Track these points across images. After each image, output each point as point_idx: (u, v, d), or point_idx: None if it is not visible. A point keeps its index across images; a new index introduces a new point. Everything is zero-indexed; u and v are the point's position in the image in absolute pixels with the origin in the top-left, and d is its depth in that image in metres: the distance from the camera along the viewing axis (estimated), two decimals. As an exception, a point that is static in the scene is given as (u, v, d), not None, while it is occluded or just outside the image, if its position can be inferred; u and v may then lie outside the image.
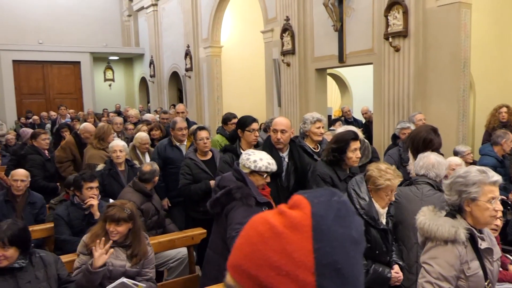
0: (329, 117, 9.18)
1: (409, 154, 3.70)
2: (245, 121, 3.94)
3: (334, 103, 12.64)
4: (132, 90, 18.46)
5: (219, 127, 6.14)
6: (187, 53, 12.46)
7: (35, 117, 12.32)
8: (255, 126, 3.93)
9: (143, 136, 5.44)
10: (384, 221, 2.79)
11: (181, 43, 12.97)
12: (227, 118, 5.68)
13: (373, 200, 2.75)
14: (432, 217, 2.20)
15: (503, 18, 7.65)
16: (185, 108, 6.89)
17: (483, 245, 2.10)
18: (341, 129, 3.92)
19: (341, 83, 12.42)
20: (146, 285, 3.02)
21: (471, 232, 2.09)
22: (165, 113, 8.48)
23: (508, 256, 3.29)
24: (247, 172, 2.86)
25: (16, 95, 14.99)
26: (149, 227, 3.99)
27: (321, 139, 3.86)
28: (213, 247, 2.99)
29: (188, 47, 12.43)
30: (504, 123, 5.71)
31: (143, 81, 17.09)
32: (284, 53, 8.36)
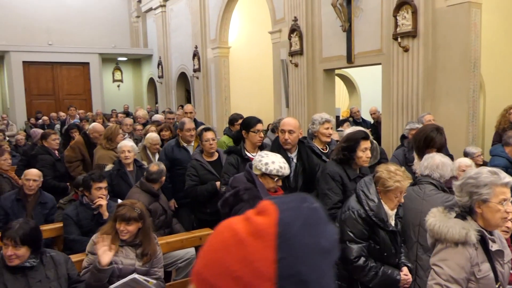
0: (337, 117, 9.15)
1: (414, 153, 3.69)
2: (249, 122, 3.92)
3: (342, 104, 12.60)
4: (140, 91, 18.55)
5: (226, 127, 6.14)
6: (195, 54, 12.49)
7: (45, 118, 12.42)
8: (260, 127, 3.90)
9: (154, 136, 5.44)
10: (393, 223, 2.78)
11: (189, 44, 13.01)
12: (234, 119, 5.67)
13: (382, 201, 2.74)
14: (442, 219, 2.19)
15: (514, 17, 7.58)
16: (193, 108, 6.90)
17: (494, 247, 2.09)
18: (349, 129, 3.90)
19: (349, 84, 12.37)
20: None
21: (482, 234, 2.07)
22: (170, 113, 8.49)
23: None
24: (258, 174, 2.84)
25: (26, 96, 15.13)
26: (157, 226, 4.00)
27: (329, 140, 3.83)
28: None
29: (196, 48, 12.46)
30: (514, 123, 5.65)
31: (151, 82, 17.17)
32: (292, 54, 8.35)
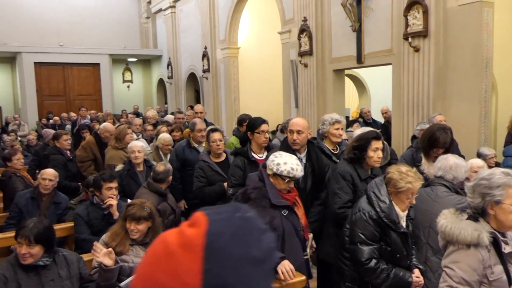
0: (347, 118, 9.10)
1: (422, 153, 3.66)
2: (254, 123, 3.88)
3: (351, 104, 12.55)
4: (150, 91, 18.66)
5: (234, 128, 6.13)
6: (205, 55, 12.53)
7: (56, 118, 12.54)
8: (265, 127, 3.85)
9: (166, 137, 5.44)
10: (404, 224, 2.75)
11: (198, 44, 13.06)
12: (242, 119, 5.65)
13: (393, 203, 2.71)
14: (454, 220, 2.17)
15: (527, 17, 7.48)
16: (203, 108, 6.91)
17: (506, 249, 2.06)
18: (359, 130, 3.88)
19: (359, 84, 12.32)
20: None
21: (495, 235, 2.05)
22: (180, 112, 8.52)
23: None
24: (270, 173, 2.84)
25: (37, 96, 15.30)
26: (166, 226, 4.01)
27: (340, 140, 3.79)
28: None
29: (205, 48, 12.50)
30: (527, 124, 5.58)
31: (161, 82, 17.26)
32: (301, 54, 8.34)
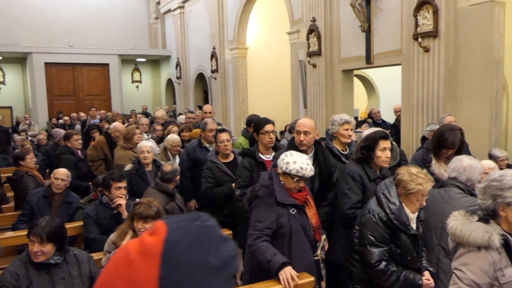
0: (355, 119, 9.05)
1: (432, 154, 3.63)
2: (259, 124, 3.89)
3: (360, 105, 12.50)
4: (158, 91, 18.74)
5: (243, 128, 6.13)
6: (213, 55, 12.56)
7: (66, 118, 12.65)
8: (269, 128, 3.85)
9: (175, 138, 5.45)
10: (414, 226, 2.72)
11: (207, 44, 13.09)
12: (251, 120, 5.65)
13: (403, 204, 2.68)
14: (464, 222, 2.15)
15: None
16: (212, 108, 6.92)
17: (518, 251, 2.04)
18: (368, 131, 3.86)
19: (368, 85, 12.27)
20: None
21: (506, 238, 2.03)
22: (191, 112, 8.55)
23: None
24: (280, 172, 2.84)
25: (47, 96, 15.44)
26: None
27: (349, 141, 3.77)
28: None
29: (214, 48, 12.53)
30: (539, 125, 5.51)
31: (170, 82, 17.33)
32: (310, 54, 8.32)
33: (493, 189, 2.05)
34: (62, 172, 4.51)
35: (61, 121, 12.86)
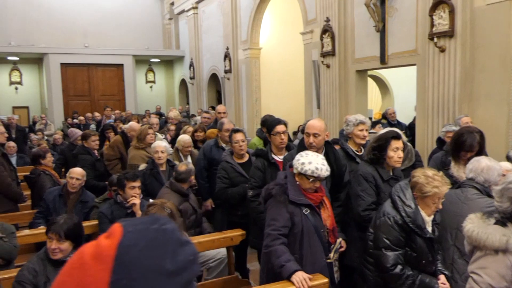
0: (369, 119, 8.98)
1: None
2: (270, 124, 3.86)
3: (374, 106, 12.40)
4: (172, 91, 18.87)
5: (258, 129, 6.12)
6: (226, 55, 12.60)
7: (81, 118, 12.81)
8: (280, 128, 3.80)
9: (186, 139, 5.47)
10: (430, 229, 2.67)
11: (220, 45, 13.13)
12: (265, 120, 5.63)
13: (419, 207, 2.64)
14: (481, 225, 2.12)
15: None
16: (225, 108, 6.93)
17: (537, 256, 2.00)
18: (382, 131, 3.82)
19: (382, 85, 12.17)
20: None
21: (524, 241, 1.99)
22: (206, 112, 8.57)
23: None
24: (296, 172, 2.83)
25: (63, 96, 15.67)
26: (188, 226, 4.04)
27: (364, 142, 3.71)
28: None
29: (227, 49, 12.56)
30: (558, 127, 5.40)
31: (183, 83, 17.43)
32: (324, 55, 8.29)
33: (511, 191, 2.02)
34: (77, 171, 4.57)
35: (76, 121, 13.03)
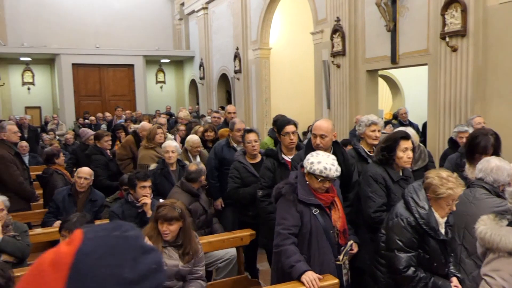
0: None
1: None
2: (279, 125, 3.85)
3: (385, 106, 12.32)
4: (182, 92, 18.94)
5: (270, 129, 6.12)
6: (236, 55, 12.61)
7: (92, 118, 12.93)
8: (289, 129, 3.79)
9: (195, 139, 5.49)
10: (443, 231, 2.63)
11: (230, 45, 13.15)
12: (276, 120, 5.63)
13: (432, 209, 2.59)
14: (493, 227, 2.10)
15: None
16: (235, 108, 6.94)
17: (551, 258, 1.97)
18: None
19: (393, 85, 12.09)
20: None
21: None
22: (216, 112, 8.59)
23: None
24: (306, 172, 2.83)
25: (75, 97, 15.82)
26: (198, 226, 4.05)
27: (376, 142, 3.67)
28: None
29: (237, 49, 12.58)
30: None
31: (193, 83, 17.49)
32: (334, 55, 8.26)
33: (525, 193, 2.00)
34: (85, 171, 4.60)
35: (87, 121, 13.14)
